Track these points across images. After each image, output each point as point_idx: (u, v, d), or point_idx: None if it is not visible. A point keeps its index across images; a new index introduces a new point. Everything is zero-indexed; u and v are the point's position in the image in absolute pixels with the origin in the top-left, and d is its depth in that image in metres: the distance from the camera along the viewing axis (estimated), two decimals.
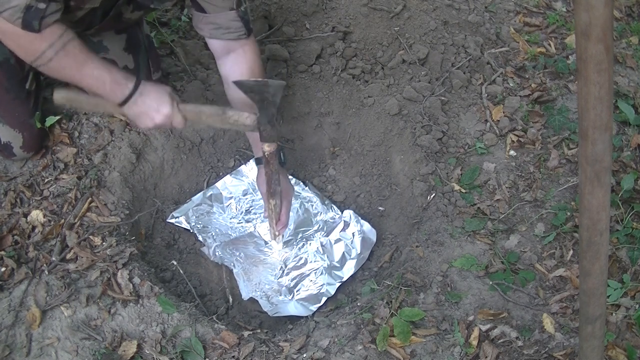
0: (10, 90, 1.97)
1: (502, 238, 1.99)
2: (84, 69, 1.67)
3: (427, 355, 1.71)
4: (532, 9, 2.71)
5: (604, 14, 0.87)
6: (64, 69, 1.68)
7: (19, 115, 2.00)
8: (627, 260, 1.88)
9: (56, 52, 1.61)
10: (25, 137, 2.02)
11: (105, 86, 1.69)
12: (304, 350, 1.74)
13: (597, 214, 1.09)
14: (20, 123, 2.00)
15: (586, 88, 0.95)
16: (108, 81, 1.69)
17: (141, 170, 2.21)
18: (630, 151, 2.16)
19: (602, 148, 1.01)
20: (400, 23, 2.45)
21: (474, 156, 2.21)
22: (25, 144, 2.03)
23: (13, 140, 2.01)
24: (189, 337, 1.74)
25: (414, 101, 2.33)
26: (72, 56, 1.65)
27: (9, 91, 1.97)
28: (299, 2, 2.49)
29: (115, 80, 1.69)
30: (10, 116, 1.99)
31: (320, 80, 2.43)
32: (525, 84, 2.41)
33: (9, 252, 1.85)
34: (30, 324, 1.72)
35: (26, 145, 2.04)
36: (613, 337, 1.72)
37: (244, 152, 2.42)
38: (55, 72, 1.70)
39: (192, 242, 2.19)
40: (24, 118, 2.01)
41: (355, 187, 2.36)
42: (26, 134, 2.02)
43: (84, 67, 1.67)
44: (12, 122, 1.99)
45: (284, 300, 2.05)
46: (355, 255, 2.13)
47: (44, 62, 1.63)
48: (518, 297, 1.84)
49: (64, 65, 1.66)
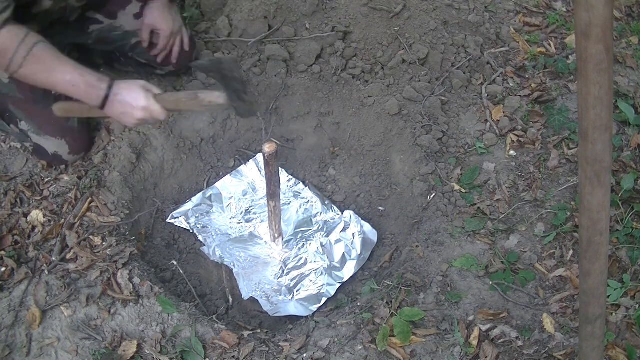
0: (38, 101, 1.97)
1: (502, 238, 1.99)
2: (55, 73, 1.66)
3: (427, 355, 1.71)
4: (532, 9, 2.71)
5: (604, 14, 0.87)
6: (35, 75, 1.67)
7: (56, 122, 1.99)
8: (627, 260, 1.88)
9: (24, 57, 1.60)
10: (69, 141, 2.02)
11: (80, 90, 1.68)
12: (304, 350, 1.74)
13: (597, 214, 1.09)
14: (59, 130, 2.01)
15: (586, 88, 0.95)
16: (82, 85, 1.67)
17: (141, 170, 2.21)
18: (630, 151, 2.16)
19: (602, 148, 1.01)
20: (400, 23, 2.45)
21: (474, 156, 2.21)
22: (72, 149, 2.04)
23: (59, 148, 2.02)
24: (189, 337, 1.74)
25: (414, 101, 2.33)
26: (41, 61, 1.64)
27: (37, 102, 1.97)
28: (299, 2, 2.49)
29: (89, 83, 1.68)
30: (48, 125, 1.99)
31: (320, 80, 2.43)
32: (525, 84, 2.41)
33: (9, 252, 1.85)
34: (30, 324, 1.72)
35: (73, 149, 2.05)
36: (613, 337, 1.72)
37: (244, 152, 2.42)
38: (30, 78, 1.69)
39: (192, 242, 2.19)
40: (61, 124, 2.01)
41: (355, 187, 2.36)
42: (69, 138, 2.02)
43: (55, 72, 1.66)
44: (52, 131, 2.00)
45: (284, 300, 2.05)
46: (355, 256, 2.13)
47: (15, 69, 1.63)
48: (518, 297, 1.84)
49: (35, 70, 1.65)
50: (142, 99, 1.70)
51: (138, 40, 2.16)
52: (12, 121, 2.00)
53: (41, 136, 1.99)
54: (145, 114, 1.72)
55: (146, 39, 2.13)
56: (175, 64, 2.25)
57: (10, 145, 2.14)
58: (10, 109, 1.98)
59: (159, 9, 2.10)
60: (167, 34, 2.13)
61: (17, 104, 1.97)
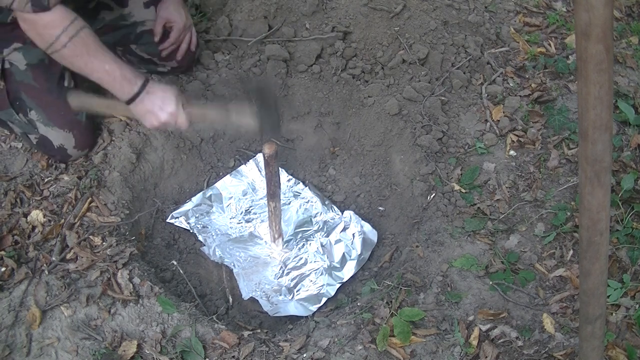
0: (52, 91, 1.99)
1: (502, 238, 1.99)
2: (95, 60, 1.71)
3: (427, 355, 1.71)
4: (532, 9, 2.71)
5: (604, 14, 0.87)
6: (76, 58, 1.72)
7: (65, 114, 2.01)
8: (627, 260, 1.88)
9: (70, 37, 1.66)
10: (76, 135, 2.04)
11: (115, 81, 1.73)
12: (304, 350, 1.74)
13: (597, 214, 1.09)
14: (68, 122, 2.02)
15: (586, 88, 0.95)
16: (118, 76, 1.72)
17: (141, 170, 2.21)
18: (630, 151, 2.16)
19: (602, 148, 1.01)
20: (400, 23, 2.45)
21: (474, 156, 2.21)
22: (77, 143, 2.05)
23: (65, 141, 2.02)
24: (189, 337, 1.74)
25: (414, 101, 2.33)
26: (85, 45, 1.69)
27: (50, 92, 1.99)
28: (299, 2, 2.49)
29: (125, 77, 1.73)
30: (58, 117, 2.00)
31: (320, 80, 2.43)
32: (525, 84, 2.41)
33: (9, 252, 1.85)
34: (30, 324, 1.72)
35: (79, 144, 2.06)
36: (613, 337, 1.71)
37: (244, 152, 2.42)
38: (69, 60, 1.74)
39: (192, 242, 2.19)
40: (71, 116, 2.02)
41: (355, 187, 2.36)
42: (76, 132, 2.04)
43: (96, 59, 1.71)
44: (61, 123, 2.01)
45: (284, 300, 2.05)
46: (355, 256, 2.13)
47: (58, 48, 1.68)
48: (518, 297, 1.84)
49: (77, 53, 1.70)
50: (172, 104, 1.75)
51: (143, 30, 2.18)
52: (21, 110, 2.01)
53: (49, 127, 2.00)
54: (171, 119, 1.76)
55: (159, 32, 2.17)
56: (179, 61, 2.27)
57: (11, 145, 2.14)
58: (22, 97, 1.99)
59: (174, 3, 2.16)
60: (180, 27, 2.18)
61: (30, 92, 1.98)
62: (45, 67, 1.98)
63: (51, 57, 1.76)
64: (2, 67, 1.96)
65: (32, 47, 1.81)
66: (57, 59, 1.76)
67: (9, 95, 1.99)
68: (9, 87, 1.98)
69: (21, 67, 1.97)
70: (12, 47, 1.95)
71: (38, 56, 1.95)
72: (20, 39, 1.91)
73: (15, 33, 1.84)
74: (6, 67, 1.97)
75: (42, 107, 1.99)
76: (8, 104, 1.99)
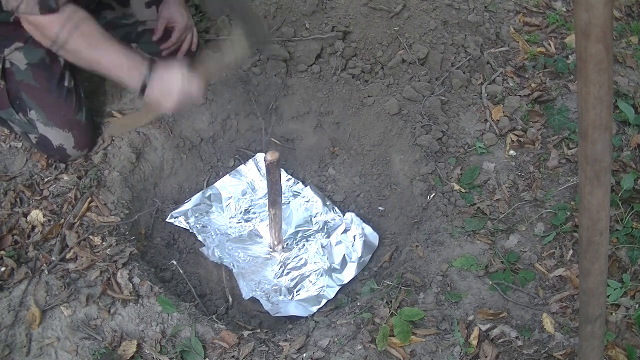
0: (52, 91, 2.00)
1: (502, 238, 1.99)
2: (100, 51, 1.71)
3: (427, 355, 1.71)
4: (532, 9, 2.71)
5: (604, 14, 0.87)
6: (81, 52, 1.72)
7: (65, 114, 2.02)
8: (627, 260, 1.88)
9: (70, 33, 1.65)
10: (76, 135, 2.04)
11: (123, 69, 1.73)
12: (304, 350, 1.74)
13: (597, 214, 1.09)
14: (68, 122, 2.02)
15: (586, 88, 0.95)
16: (126, 64, 1.72)
17: (141, 170, 2.21)
18: (630, 151, 2.16)
19: (602, 148, 1.01)
20: (400, 23, 2.45)
21: (474, 156, 2.21)
22: (77, 143, 2.05)
23: (65, 141, 2.02)
24: (189, 337, 1.74)
25: (414, 101, 2.33)
26: (86, 37, 1.69)
27: (51, 92, 1.99)
28: (299, 2, 2.49)
29: (132, 65, 1.73)
30: (58, 117, 2.01)
31: (320, 80, 2.43)
32: (525, 84, 2.41)
33: (9, 252, 1.84)
34: (30, 324, 1.72)
35: (78, 144, 2.06)
36: (613, 337, 1.71)
37: (244, 152, 2.42)
38: (75, 56, 1.74)
39: (192, 242, 2.19)
40: (71, 116, 2.03)
41: (355, 187, 2.36)
42: (76, 132, 2.04)
43: (100, 49, 1.71)
44: (61, 123, 2.01)
45: (284, 300, 2.05)
46: (356, 259, 2.13)
47: (60, 45, 1.68)
48: (518, 297, 1.84)
49: (81, 47, 1.70)
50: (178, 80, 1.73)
51: (144, 29, 2.19)
52: (21, 109, 2.01)
53: (49, 127, 2.00)
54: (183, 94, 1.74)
55: (161, 31, 2.18)
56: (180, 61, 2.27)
57: (11, 145, 2.14)
58: (22, 96, 1.99)
59: (176, 4, 2.18)
60: (182, 27, 2.19)
61: (31, 91, 1.98)
62: (46, 67, 1.98)
63: (57, 54, 1.76)
64: (3, 66, 1.97)
65: (34, 46, 1.81)
66: (64, 55, 1.76)
67: (10, 94, 1.99)
68: (10, 86, 1.98)
69: (22, 66, 1.97)
70: (14, 46, 1.95)
71: (39, 56, 1.96)
72: (22, 38, 1.92)
73: (17, 32, 1.85)
74: (7, 66, 1.97)
75: (42, 107, 1.99)
76: (8, 104, 1.99)
